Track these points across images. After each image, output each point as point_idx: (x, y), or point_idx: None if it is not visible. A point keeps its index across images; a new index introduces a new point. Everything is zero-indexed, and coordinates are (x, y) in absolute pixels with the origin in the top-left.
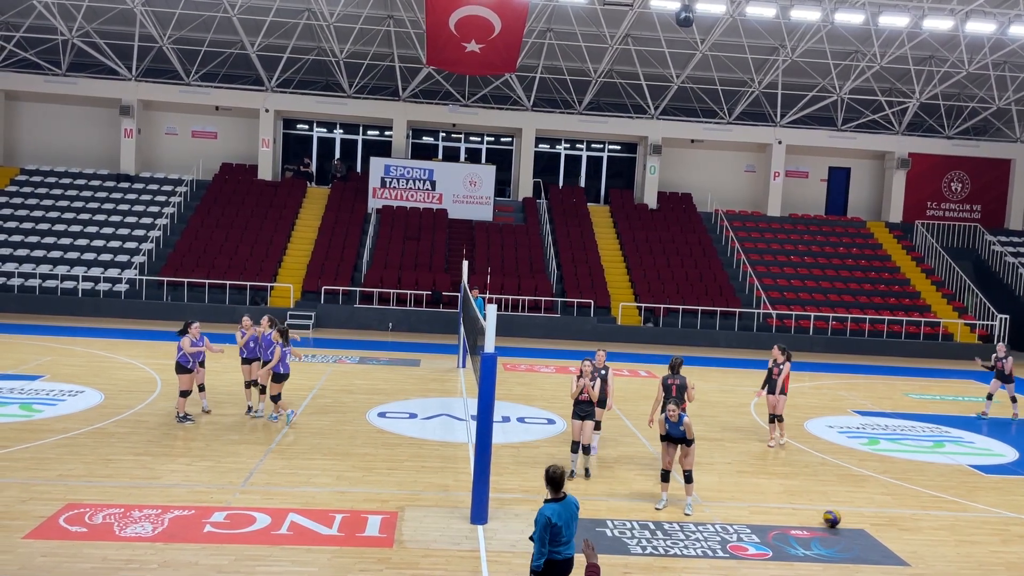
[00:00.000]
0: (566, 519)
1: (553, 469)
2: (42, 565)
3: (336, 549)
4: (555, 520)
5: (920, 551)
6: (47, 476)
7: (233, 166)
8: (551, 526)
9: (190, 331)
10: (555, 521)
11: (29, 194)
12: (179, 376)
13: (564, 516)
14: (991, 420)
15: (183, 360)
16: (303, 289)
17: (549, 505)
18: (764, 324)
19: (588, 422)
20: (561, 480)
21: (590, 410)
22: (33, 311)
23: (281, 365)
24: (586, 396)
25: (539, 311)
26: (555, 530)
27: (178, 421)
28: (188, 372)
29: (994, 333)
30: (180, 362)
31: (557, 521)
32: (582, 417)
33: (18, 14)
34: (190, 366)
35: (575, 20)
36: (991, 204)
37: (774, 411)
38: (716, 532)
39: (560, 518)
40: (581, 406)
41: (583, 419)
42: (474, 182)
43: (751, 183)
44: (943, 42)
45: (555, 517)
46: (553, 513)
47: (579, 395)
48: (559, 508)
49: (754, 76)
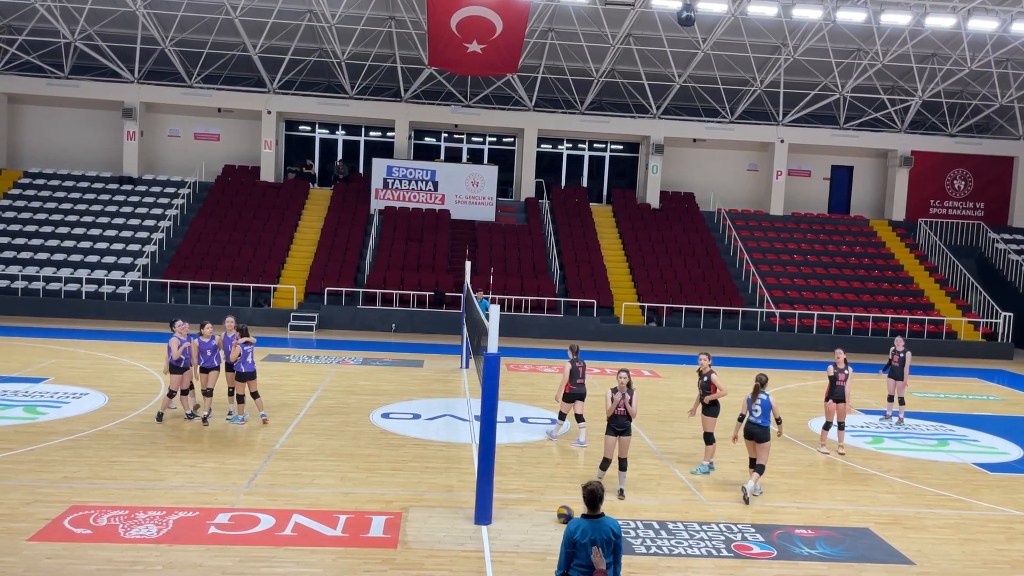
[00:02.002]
0: (593, 538)
1: (589, 485)
2: (47, 567)
3: (340, 550)
4: (578, 537)
5: (925, 549)
6: (52, 478)
7: (236, 168)
8: (571, 543)
9: (175, 331)
10: (577, 539)
11: (33, 197)
12: (171, 376)
13: (591, 535)
14: (996, 417)
15: (174, 362)
16: (306, 290)
17: (576, 520)
18: (767, 323)
19: (625, 438)
20: (593, 497)
21: (627, 424)
22: (37, 314)
23: (242, 363)
24: (622, 411)
25: (542, 311)
26: (578, 549)
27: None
28: (181, 372)
29: (998, 331)
30: (172, 363)
31: (580, 539)
32: (618, 433)
33: (20, 17)
34: (182, 366)
35: (576, 20)
36: (994, 202)
37: (840, 418)
38: (720, 531)
39: (585, 536)
40: (618, 420)
41: (619, 435)
42: (476, 183)
43: (754, 182)
44: (945, 40)
45: (578, 534)
46: (577, 530)
47: (615, 410)
48: (587, 526)
49: (756, 75)
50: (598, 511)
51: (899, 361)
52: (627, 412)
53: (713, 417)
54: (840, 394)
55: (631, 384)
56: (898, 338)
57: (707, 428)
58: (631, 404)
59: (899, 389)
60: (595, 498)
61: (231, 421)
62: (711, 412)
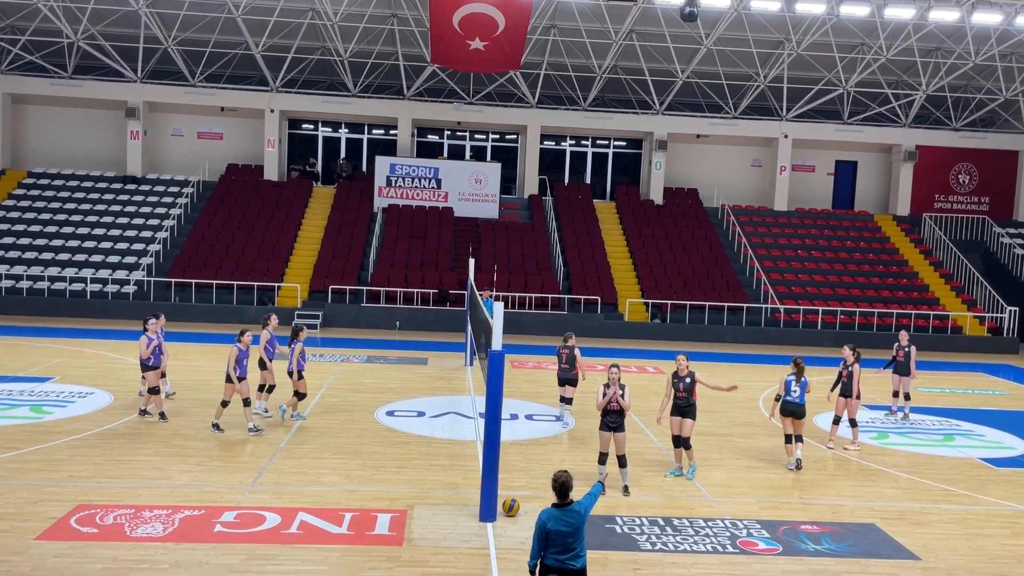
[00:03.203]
0: (562, 527)
1: (557, 476)
2: (54, 566)
3: (346, 548)
4: (549, 526)
5: (931, 545)
6: (58, 477)
7: (239, 167)
8: (544, 533)
9: (147, 328)
10: (550, 528)
11: (37, 197)
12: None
13: (560, 524)
14: (1002, 412)
15: (143, 360)
16: (310, 289)
17: (547, 510)
18: (772, 319)
19: (619, 434)
20: (563, 489)
21: (620, 420)
22: (42, 313)
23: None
24: (615, 406)
25: (546, 308)
26: (549, 536)
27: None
28: (154, 368)
29: (1003, 325)
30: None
31: (551, 527)
32: (612, 428)
33: (23, 17)
34: (151, 364)
35: (579, 16)
36: (999, 196)
37: (849, 415)
38: (726, 528)
39: (555, 524)
40: (611, 416)
41: (613, 430)
42: (479, 180)
43: (757, 178)
44: (949, 34)
45: (550, 523)
46: (549, 519)
47: (607, 405)
48: (557, 514)
49: (759, 70)
50: (567, 500)
51: (903, 356)
52: (620, 407)
53: (693, 419)
54: (847, 389)
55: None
56: (902, 332)
57: (686, 432)
58: (623, 399)
59: (904, 384)
60: (565, 489)
61: (294, 417)
62: (692, 414)
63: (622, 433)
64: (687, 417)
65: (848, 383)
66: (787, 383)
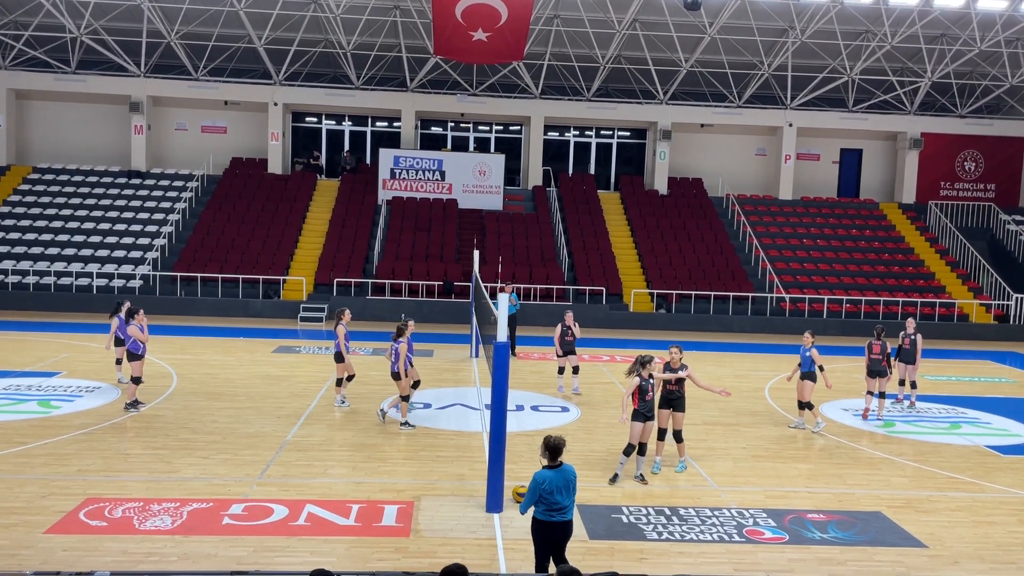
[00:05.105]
0: (558, 485)
1: (551, 438)
2: (63, 559)
3: (353, 539)
4: (546, 485)
5: (937, 532)
6: (66, 471)
7: (243, 160)
8: (540, 488)
9: (135, 318)
10: (545, 487)
11: (42, 192)
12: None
13: (556, 483)
14: (1008, 400)
15: (133, 348)
16: (315, 281)
17: (543, 471)
18: (777, 308)
19: (651, 423)
20: (557, 449)
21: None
22: (48, 308)
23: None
24: (674, 385)
25: (551, 299)
26: (546, 493)
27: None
28: (140, 358)
29: (1009, 313)
30: (130, 350)
31: (548, 486)
32: (647, 418)
33: (26, 13)
34: (141, 352)
35: (582, 6)
36: (1005, 183)
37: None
38: (732, 517)
39: (552, 484)
40: (671, 394)
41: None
42: (483, 171)
43: (762, 167)
44: (954, 20)
45: (546, 483)
46: (545, 479)
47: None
48: (552, 475)
49: (764, 59)
50: (556, 461)
51: (910, 344)
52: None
53: (683, 412)
54: (876, 366)
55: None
56: (909, 320)
57: (678, 425)
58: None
59: (911, 372)
60: (557, 451)
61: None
62: (681, 407)
63: (652, 423)
64: (677, 410)
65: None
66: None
